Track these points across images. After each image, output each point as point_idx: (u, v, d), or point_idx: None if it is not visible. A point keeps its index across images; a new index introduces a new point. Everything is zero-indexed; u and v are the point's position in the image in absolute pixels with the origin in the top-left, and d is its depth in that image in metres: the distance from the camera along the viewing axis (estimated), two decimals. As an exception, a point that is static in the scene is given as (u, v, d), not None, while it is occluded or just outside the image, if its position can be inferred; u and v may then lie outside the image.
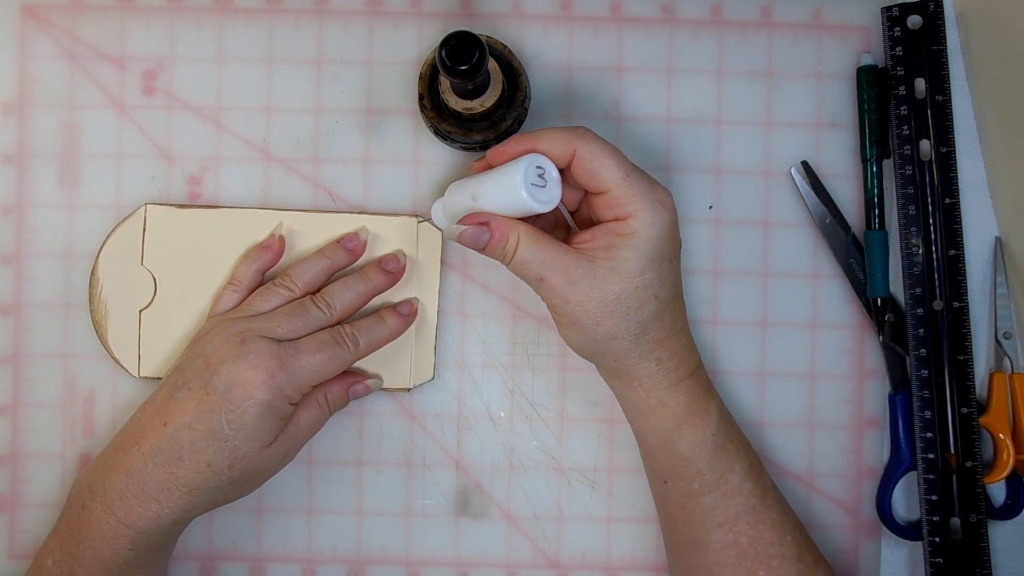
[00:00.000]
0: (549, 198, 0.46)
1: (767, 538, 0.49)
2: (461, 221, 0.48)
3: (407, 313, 0.54)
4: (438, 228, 0.51)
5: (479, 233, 0.47)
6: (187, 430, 0.48)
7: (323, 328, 0.51)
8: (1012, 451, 0.54)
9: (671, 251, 0.47)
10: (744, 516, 0.49)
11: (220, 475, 0.48)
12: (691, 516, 0.50)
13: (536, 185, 0.46)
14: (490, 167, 0.49)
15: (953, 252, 0.54)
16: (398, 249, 0.55)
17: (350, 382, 0.53)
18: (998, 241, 0.56)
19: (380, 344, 0.53)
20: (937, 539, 0.54)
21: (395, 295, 0.55)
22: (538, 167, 0.46)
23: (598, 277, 0.46)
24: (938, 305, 0.54)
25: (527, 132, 0.48)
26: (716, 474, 0.49)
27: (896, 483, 0.55)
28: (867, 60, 0.56)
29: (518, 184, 0.45)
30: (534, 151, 0.47)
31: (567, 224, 0.50)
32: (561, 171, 0.47)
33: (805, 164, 0.56)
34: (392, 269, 0.54)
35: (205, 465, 0.48)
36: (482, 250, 0.47)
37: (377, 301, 0.54)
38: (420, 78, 0.53)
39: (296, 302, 0.52)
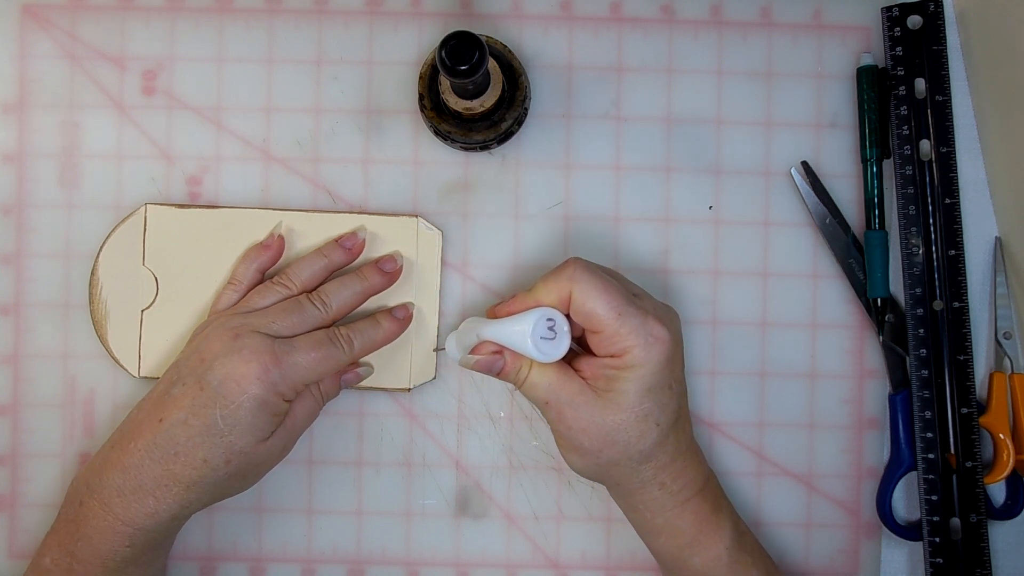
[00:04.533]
0: (556, 352, 0.47)
1: None
2: (474, 350, 0.49)
3: (402, 317, 0.54)
4: (452, 358, 0.53)
5: (493, 360, 0.49)
6: (182, 426, 0.48)
7: (319, 327, 0.51)
8: (1012, 451, 0.54)
9: (670, 378, 0.48)
10: None
11: (217, 471, 0.48)
12: None
13: (545, 338, 0.47)
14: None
15: (953, 252, 0.54)
16: (396, 250, 0.55)
17: (341, 371, 0.53)
18: (998, 241, 0.56)
19: (374, 347, 0.52)
20: (937, 539, 0.54)
21: (396, 295, 0.55)
22: (549, 319, 0.47)
23: (599, 406, 0.47)
24: (938, 305, 0.54)
25: (525, 291, 0.49)
26: None
27: (896, 483, 0.55)
28: (867, 60, 0.56)
29: (526, 335, 0.47)
30: (538, 306, 0.47)
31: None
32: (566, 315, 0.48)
33: (805, 164, 0.56)
34: (389, 270, 0.54)
35: (201, 461, 0.48)
36: (496, 375, 0.49)
37: (373, 303, 0.54)
38: (420, 78, 0.53)
39: (292, 299, 0.51)
